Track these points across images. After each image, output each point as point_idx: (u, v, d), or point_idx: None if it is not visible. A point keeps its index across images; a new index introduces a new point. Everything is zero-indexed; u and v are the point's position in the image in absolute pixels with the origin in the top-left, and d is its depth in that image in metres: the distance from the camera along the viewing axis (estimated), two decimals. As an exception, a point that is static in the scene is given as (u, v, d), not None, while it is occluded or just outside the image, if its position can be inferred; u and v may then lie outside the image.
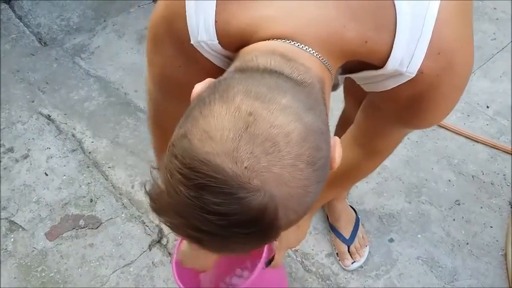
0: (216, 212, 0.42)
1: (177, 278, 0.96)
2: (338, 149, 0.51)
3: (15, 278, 1.37)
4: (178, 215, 0.45)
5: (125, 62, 1.97)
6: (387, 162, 1.58)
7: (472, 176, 1.55)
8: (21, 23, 2.14)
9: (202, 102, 0.46)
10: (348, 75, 0.66)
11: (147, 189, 0.48)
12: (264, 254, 0.95)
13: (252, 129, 0.42)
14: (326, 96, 0.53)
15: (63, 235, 1.46)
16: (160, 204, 0.46)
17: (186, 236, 0.47)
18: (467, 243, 1.41)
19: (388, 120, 0.72)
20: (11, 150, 1.68)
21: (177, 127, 0.47)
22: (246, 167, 0.41)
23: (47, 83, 1.90)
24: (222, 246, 0.47)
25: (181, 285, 0.95)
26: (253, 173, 0.42)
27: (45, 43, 2.07)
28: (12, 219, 1.50)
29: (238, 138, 0.42)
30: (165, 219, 0.47)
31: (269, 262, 0.96)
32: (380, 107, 0.71)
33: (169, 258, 1.40)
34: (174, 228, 0.47)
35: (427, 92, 0.61)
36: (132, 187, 1.56)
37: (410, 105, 0.64)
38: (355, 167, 0.88)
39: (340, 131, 1.30)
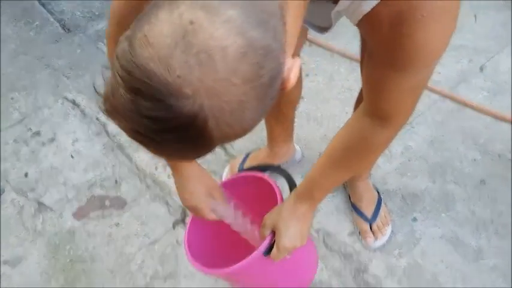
0: (148, 117, 0.44)
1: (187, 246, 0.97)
2: (295, 70, 0.51)
3: (44, 256, 1.41)
4: (122, 117, 0.46)
5: (146, 47, 1.99)
6: (411, 142, 1.57)
7: (499, 155, 1.52)
8: (44, 10, 2.17)
9: (155, 6, 0.45)
10: (336, 11, 0.66)
11: (99, 92, 0.49)
12: (266, 241, 0.91)
13: (190, 38, 0.42)
14: (288, 13, 0.51)
15: (90, 215, 1.49)
16: (108, 105, 0.47)
17: (133, 138, 0.48)
18: (492, 222, 1.38)
19: (381, 63, 0.69)
20: (38, 134, 1.72)
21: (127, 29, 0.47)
22: (178, 76, 0.42)
23: (71, 68, 1.93)
24: (161, 150, 0.49)
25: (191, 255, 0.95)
26: (185, 82, 0.42)
27: (68, 29, 2.10)
28: (40, 200, 1.54)
29: (174, 45, 0.42)
30: (114, 121, 0.48)
31: (268, 251, 0.91)
32: (372, 50, 0.69)
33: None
34: (123, 130, 0.48)
35: (407, 13, 0.59)
36: (156, 169, 1.58)
37: (395, 34, 0.62)
38: (364, 138, 0.83)
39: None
